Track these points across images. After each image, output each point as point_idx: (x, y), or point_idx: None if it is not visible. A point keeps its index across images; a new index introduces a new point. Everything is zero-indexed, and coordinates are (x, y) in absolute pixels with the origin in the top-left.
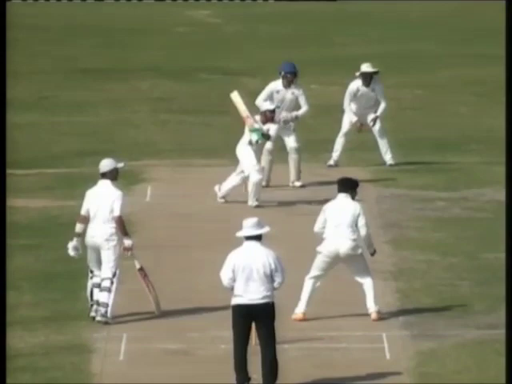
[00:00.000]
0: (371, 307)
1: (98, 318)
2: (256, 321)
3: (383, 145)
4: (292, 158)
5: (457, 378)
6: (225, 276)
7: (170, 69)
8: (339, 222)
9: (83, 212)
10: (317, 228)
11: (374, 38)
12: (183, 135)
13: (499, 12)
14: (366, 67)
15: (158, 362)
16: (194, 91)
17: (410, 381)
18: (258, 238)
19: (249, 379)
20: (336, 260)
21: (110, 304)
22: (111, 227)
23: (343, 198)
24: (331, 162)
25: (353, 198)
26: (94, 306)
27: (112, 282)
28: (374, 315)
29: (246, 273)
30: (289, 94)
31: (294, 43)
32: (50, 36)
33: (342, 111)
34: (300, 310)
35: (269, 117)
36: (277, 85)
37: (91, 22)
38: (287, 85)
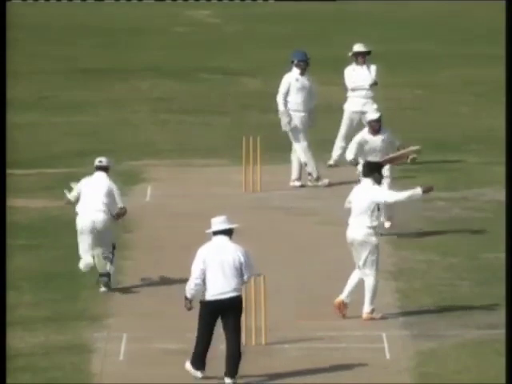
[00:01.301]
0: (365, 307)
1: (102, 289)
2: (224, 314)
3: None
4: (296, 157)
5: (457, 377)
6: (196, 270)
7: (170, 69)
8: (355, 208)
9: (75, 194)
10: (345, 205)
11: (374, 38)
12: (183, 135)
13: (499, 12)
14: (358, 47)
15: (158, 362)
16: (194, 91)
17: (410, 381)
18: (226, 233)
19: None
20: (356, 247)
21: (112, 273)
22: (108, 212)
23: (364, 183)
24: (331, 162)
25: (378, 181)
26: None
27: (113, 254)
28: (363, 315)
29: (216, 267)
30: (306, 81)
31: (294, 43)
32: (50, 36)
33: (346, 100)
34: (341, 296)
35: (375, 127)
36: (293, 74)
37: (91, 22)
38: (302, 72)
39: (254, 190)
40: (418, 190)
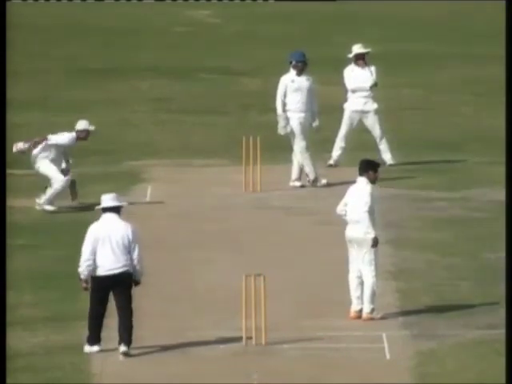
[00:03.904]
0: (364, 307)
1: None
2: (115, 290)
3: (383, 145)
4: (297, 158)
5: (457, 377)
6: (86, 250)
7: (170, 69)
8: (351, 206)
9: None
10: (337, 209)
11: (374, 38)
12: (183, 135)
13: (499, 12)
14: (358, 48)
15: (158, 362)
16: (194, 91)
17: (410, 381)
18: (115, 210)
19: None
20: (355, 246)
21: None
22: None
23: (359, 181)
24: (331, 162)
25: (372, 180)
26: None
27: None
28: (363, 315)
29: (105, 244)
30: (304, 81)
31: (294, 43)
32: (50, 36)
33: (346, 100)
34: (352, 308)
35: None
36: (289, 76)
37: (91, 22)
38: (299, 73)
39: (253, 190)
40: (373, 234)
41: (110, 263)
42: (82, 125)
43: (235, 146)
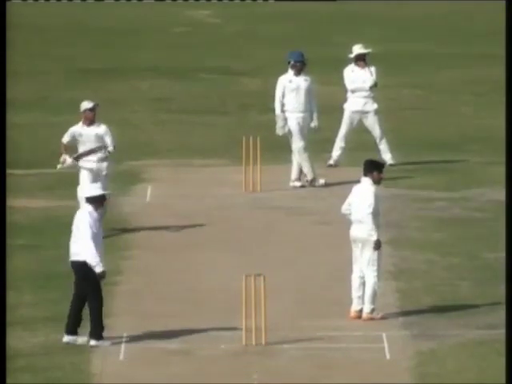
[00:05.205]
0: (365, 307)
1: None
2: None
3: (383, 145)
4: (296, 158)
5: (457, 377)
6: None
7: (170, 69)
8: (356, 206)
9: None
10: (342, 209)
11: (374, 38)
12: (183, 135)
13: (499, 12)
14: (358, 48)
15: (158, 362)
16: (194, 91)
17: (410, 381)
18: (94, 201)
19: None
20: (359, 246)
21: None
22: None
23: (362, 182)
24: (331, 162)
25: (376, 181)
26: None
27: None
28: (363, 315)
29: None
30: (302, 81)
31: (294, 43)
32: (50, 36)
33: (346, 100)
34: (352, 308)
35: None
36: (287, 76)
37: (91, 22)
38: (297, 73)
39: (253, 190)
40: (375, 237)
41: (70, 250)
42: (81, 107)
43: (235, 146)
